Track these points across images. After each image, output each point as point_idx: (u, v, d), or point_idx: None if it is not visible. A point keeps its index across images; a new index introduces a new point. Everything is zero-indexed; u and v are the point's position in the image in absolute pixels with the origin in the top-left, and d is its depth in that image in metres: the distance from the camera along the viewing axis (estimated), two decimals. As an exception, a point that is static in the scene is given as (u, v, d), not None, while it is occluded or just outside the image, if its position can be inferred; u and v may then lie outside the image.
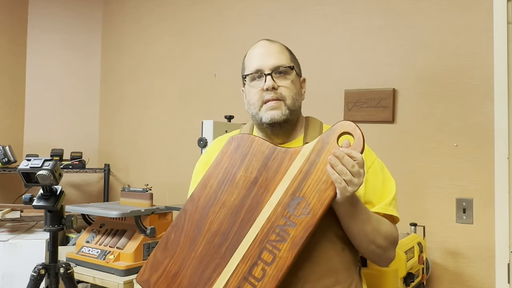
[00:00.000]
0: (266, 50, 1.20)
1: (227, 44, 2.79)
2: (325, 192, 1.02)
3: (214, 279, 1.04)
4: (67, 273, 1.55)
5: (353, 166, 0.98)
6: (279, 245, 1.02)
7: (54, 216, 1.54)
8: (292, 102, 1.19)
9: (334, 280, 1.09)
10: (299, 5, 2.53)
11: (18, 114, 3.27)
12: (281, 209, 1.04)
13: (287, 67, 1.19)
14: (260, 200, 1.06)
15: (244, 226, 1.05)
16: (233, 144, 1.14)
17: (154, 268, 1.10)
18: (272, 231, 1.03)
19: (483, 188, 1.96)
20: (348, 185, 0.99)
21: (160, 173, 3.01)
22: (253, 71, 1.19)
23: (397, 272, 1.53)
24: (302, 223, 1.02)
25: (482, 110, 1.99)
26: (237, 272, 1.03)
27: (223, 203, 1.09)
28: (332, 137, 1.06)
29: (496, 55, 1.95)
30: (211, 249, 1.06)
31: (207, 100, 2.81)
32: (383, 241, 1.12)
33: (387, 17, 2.25)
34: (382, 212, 1.16)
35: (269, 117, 1.15)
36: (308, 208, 1.02)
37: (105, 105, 3.44)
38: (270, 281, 1.00)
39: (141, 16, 3.25)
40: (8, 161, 2.72)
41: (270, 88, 1.15)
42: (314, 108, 2.46)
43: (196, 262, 1.07)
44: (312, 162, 1.05)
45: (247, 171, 1.10)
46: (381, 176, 1.21)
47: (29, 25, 3.34)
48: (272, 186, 1.06)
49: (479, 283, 1.95)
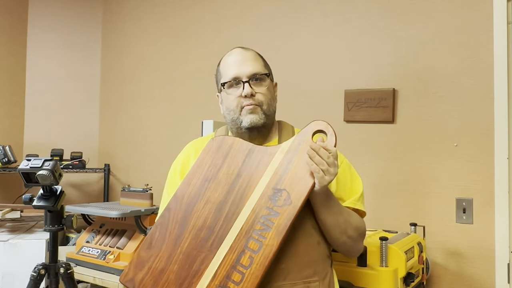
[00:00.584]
0: (242, 58, 1.27)
1: (227, 44, 2.77)
2: (304, 182, 1.11)
3: (202, 271, 1.08)
4: (67, 273, 1.55)
5: (329, 157, 1.10)
6: (264, 234, 1.08)
7: (54, 216, 1.54)
8: (268, 107, 1.26)
9: (313, 271, 1.18)
10: (299, 5, 2.53)
11: (18, 114, 3.27)
12: (265, 201, 1.11)
13: (263, 74, 1.26)
14: (243, 194, 1.13)
15: (230, 219, 1.11)
16: (214, 145, 1.21)
17: (139, 267, 1.12)
18: (257, 221, 1.10)
19: (483, 188, 1.96)
20: (325, 175, 1.09)
21: (160, 173, 3.00)
22: (231, 79, 1.25)
23: (397, 272, 1.53)
24: (284, 212, 1.10)
25: (482, 110, 1.99)
26: (225, 262, 1.08)
27: (208, 199, 1.15)
28: (307, 134, 1.16)
29: (496, 55, 1.95)
30: (197, 244, 1.11)
31: (207, 100, 2.80)
32: (354, 232, 1.23)
33: (387, 17, 2.25)
34: (351, 207, 1.27)
35: (249, 121, 1.23)
36: (290, 198, 1.10)
37: (105, 105, 3.44)
38: (258, 268, 1.05)
39: (141, 16, 3.25)
40: (8, 161, 2.72)
41: (249, 95, 1.23)
42: (314, 108, 2.47)
43: (183, 257, 1.10)
44: (291, 156, 1.14)
45: (229, 168, 1.17)
46: (349, 175, 1.31)
47: (29, 25, 3.34)
48: (254, 181, 1.14)
49: (479, 283, 1.95)
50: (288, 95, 2.32)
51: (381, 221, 2.16)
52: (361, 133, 2.28)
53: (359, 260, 1.54)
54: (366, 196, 1.36)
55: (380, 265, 1.53)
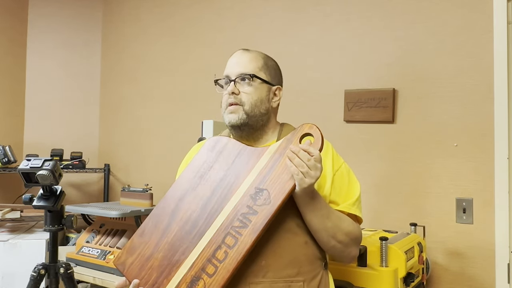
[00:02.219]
0: (237, 59, 1.32)
1: (227, 44, 2.79)
2: (285, 184, 1.15)
3: (182, 261, 1.15)
4: (67, 273, 1.55)
5: (309, 160, 1.11)
6: (241, 231, 1.13)
7: (54, 216, 1.54)
8: (251, 108, 1.28)
9: (297, 271, 1.17)
10: (299, 5, 2.53)
11: (18, 114, 3.27)
12: (246, 199, 1.16)
13: (248, 75, 1.28)
14: (228, 192, 1.19)
15: (213, 214, 1.18)
16: (210, 144, 1.28)
17: (130, 252, 1.21)
18: (236, 218, 1.15)
19: (483, 188, 1.96)
20: (305, 177, 1.10)
21: (160, 173, 3.01)
22: (223, 77, 1.32)
23: (397, 272, 1.53)
24: (263, 211, 1.13)
25: (482, 110, 1.99)
26: (203, 254, 1.14)
27: (197, 194, 1.22)
28: (295, 137, 1.19)
29: (496, 55, 1.95)
30: (182, 235, 1.18)
31: (207, 100, 2.80)
32: (344, 237, 1.21)
33: (387, 17, 2.25)
34: (346, 211, 1.25)
35: (228, 120, 1.29)
36: (270, 198, 1.14)
37: (105, 105, 3.44)
38: (230, 263, 1.10)
39: (141, 16, 3.25)
40: (8, 161, 2.72)
41: (230, 92, 1.27)
42: (314, 108, 2.47)
43: (168, 247, 1.18)
44: (277, 158, 1.18)
45: (220, 167, 1.23)
46: (347, 179, 1.30)
47: (29, 25, 3.34)
48: (240, 180, 1.19)
49: (479, 283, 1.95)
50: (288, 95, 2.31)
51: (381, 221, 2.16)
52: (361, 133, 2.28)
53: (359, 260, 1.54)
54: (366, 197, 1.36)
55: (380, 265, 1.53)
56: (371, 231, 1.86)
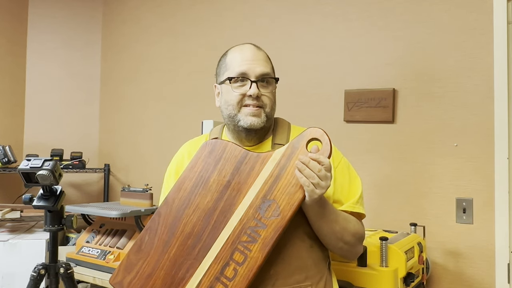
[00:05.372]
0: (253, 56, 1.23)
1: (227, 44, 2.77)
2: (294, 195, 1.07)
3: (187, 280, 1.07)
4: (67, 273, 1.55)
5: (320, 170, 1.04)
6: (250, 246, 1.06)
7: (54, 216, 1.54)
8: (270, 110, 1.23)
9: (304, 276, 1.15)
10: (299, 5, 2.53)
11: (18, 114, 3.27)
12: (253, 211, 1.08)
13: (272, 78, 1.24)
14: (232, 202, 1.10)
15: (217, 228, 1.09)
16: (207, 149, 1.17)
17: (128, 270, 1.13)
18: (244, 232, 1.07)
19: (483, 188, 1.96)
20: (316, 188, 1.04)
21: (160, 173, 2.99)
22: (238, 74, 1.21)
23: (397, 272, 1.53)
24: (272, 224, 1.06)
25: (482, 110, 1.99)
26: (210, 272, 1.06)
27: (197, 206, 1.12)
28: (301, 143, 1.11)
29: (496, 55, 1.95)
30: (184, 251, 1.09)
31: (207, 100, 2.80)
32: (351, 238, 1.19)
33: (387, 17, 2.25)
34: (349, 210, 1.22)
35: (249, 123, 1.19)
36: (278, 210, 1.07)
37: (105, 105, 3.44)
38: (241, 281, 1.04)
39: (141, 16, 3.25)
40: (8, 161, 2.72)
41: (255, 96, 1.19)
42: (314, 108, 2.47)
43: (169, 263, 1.09)
44: (283, 166, 1.10)
45: (220, 174, 1.13)
46: (347, 175, 1.27)
47: (29, 26, 3.34)
48: (244, 189, 1.10)
49: (479, 283, 1.95)
50: (288, 95, 2.33)
51: (381, 221, 2.16)
52: (361, 133, 2.28)
53: (359, 260, 1.54)
54: (366, 197, 1.35)
55: (380, 265, 1.53)
56: (371, 231, 1.86)
